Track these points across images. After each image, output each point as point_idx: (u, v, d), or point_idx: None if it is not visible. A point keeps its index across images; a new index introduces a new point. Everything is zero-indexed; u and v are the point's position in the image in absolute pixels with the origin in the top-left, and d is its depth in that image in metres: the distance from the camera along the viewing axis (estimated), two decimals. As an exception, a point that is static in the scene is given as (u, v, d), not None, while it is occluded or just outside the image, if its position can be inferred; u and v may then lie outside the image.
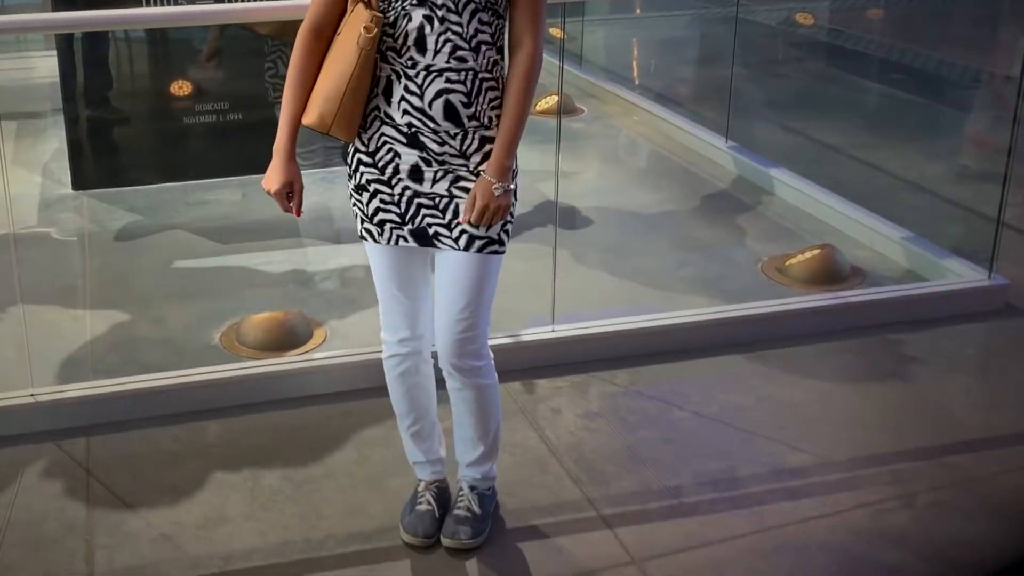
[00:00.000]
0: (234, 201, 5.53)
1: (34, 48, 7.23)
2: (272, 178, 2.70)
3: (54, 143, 6.05)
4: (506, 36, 2.68)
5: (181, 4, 5.47)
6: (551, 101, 6.51)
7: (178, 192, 5.60)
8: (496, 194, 2.61)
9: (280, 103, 2.71)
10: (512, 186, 2.66)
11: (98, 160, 5.67)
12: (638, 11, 9.24)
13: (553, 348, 4.00)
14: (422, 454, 3.07)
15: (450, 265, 2.75)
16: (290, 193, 2.72)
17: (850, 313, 4.30)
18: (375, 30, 2.55)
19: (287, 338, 4.07)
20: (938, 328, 4.27)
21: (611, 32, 9.15)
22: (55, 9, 5.43)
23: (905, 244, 4.79)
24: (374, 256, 2.83)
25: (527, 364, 3.92)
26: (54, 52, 5.71)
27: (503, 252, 2.76)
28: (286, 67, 2.70)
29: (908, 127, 6.75)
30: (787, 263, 4.66)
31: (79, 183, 5.57)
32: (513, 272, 4.47)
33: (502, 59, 2.67)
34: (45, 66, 6.42)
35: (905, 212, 5.18)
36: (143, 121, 5.74)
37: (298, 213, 2.77)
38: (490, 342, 2.90)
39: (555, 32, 6.40)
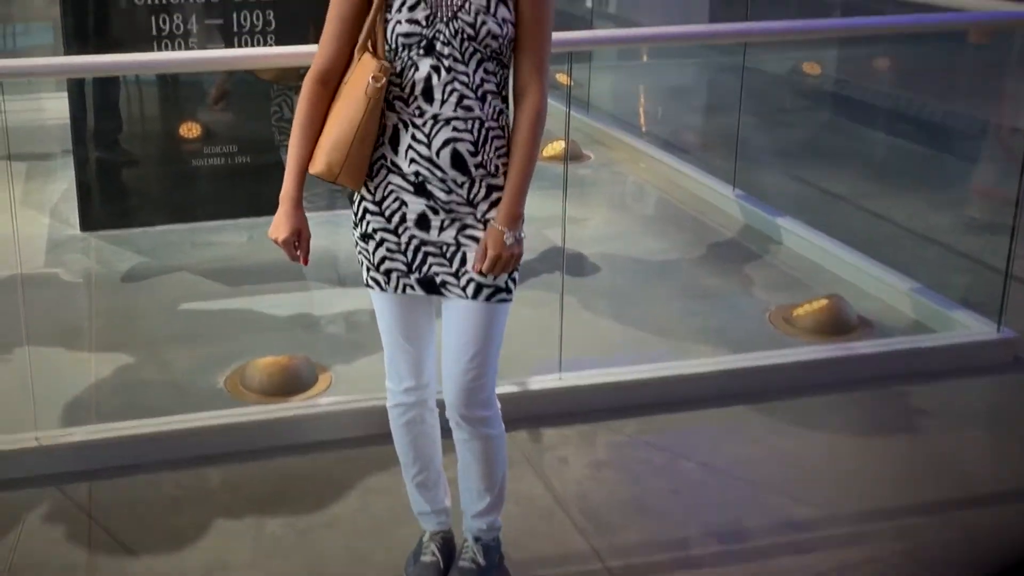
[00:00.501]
0: (240, 243, 5.53)
1: (45, 90, 7.26)
2: (280, 226, 2.69)
3: (63, 184, 6.06)
4: (511, 85, 2.69)
5: (192, 48, 5.50)
6: (558, 147, 6.51)
7: (185, 234, 5.61)
8: (508, 243, 2.61)
9: (286, 147, 2.72)
10: (523, 234, 2.66)
11: (106, 201, 5.69)
12: (645, 58, 9.28)
13: (560, 396, 3.98)
14: (427, 504, 3.05)
15: (458, 314, 2.74)
16: (297, 241, 2.71)
17: (858, 365, 4.28)
18: (383, 79, 2.56)
19: (292, 383, 4.06)
20: (947, 381, 4.25)
21: (618, 78, 9.19)
22: (67, 52, 5.47)
23: (913, 295, 4.78)
24: (380, 305, 2.82)
25: (534, 412, 3.89)
26: (65, 94, 5.75)
27: (511, 300, 2.75)
28: (292, 111, 2.71)
29: (915, 177, 6.76)
30: (795, 313, 4.65)
31: (87, 224, 5.59)
32: (520, 318, 4.43)
33: (507, 108, 2.68)
34: (55, 108, 6.44)
35: (913, 263, 5.18)
36: (152, 163, 5.76)
37: (305, 262, 2.75)
38: (496, 390, 2.89)
39: (562, 78, 6.42)
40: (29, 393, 3.72)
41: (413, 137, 2.60)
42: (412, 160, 2.61)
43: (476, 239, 2.65)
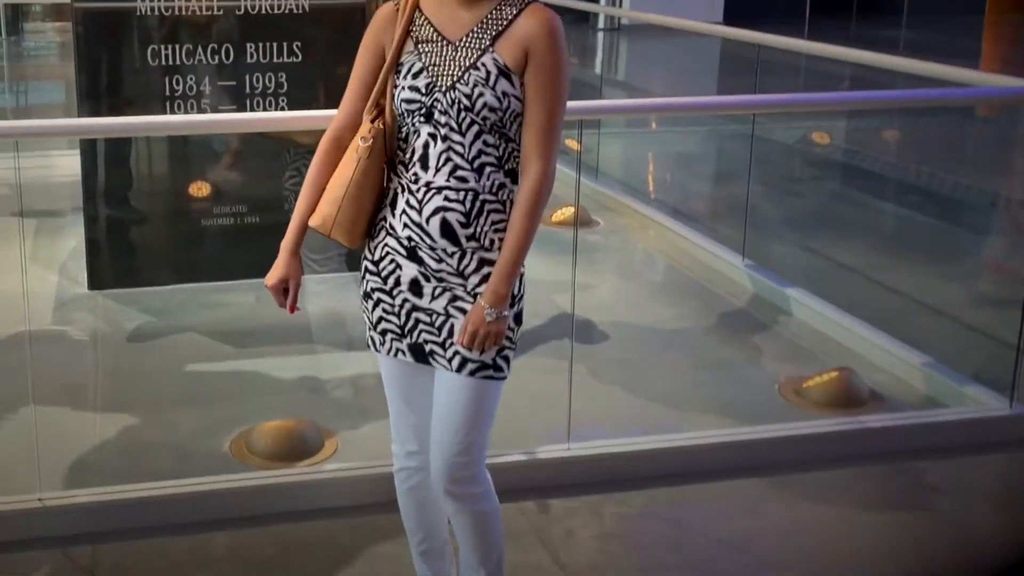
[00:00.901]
0: (248, 304, 5.52)
1: (57, 147, 7.30)
2: (272, 273, 2.72)
3: (72, 242, 6.07)
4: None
5: (205, 108, 5.54)
6: (567, 212, 6.53)
7: (192, 294, 5.60)
8: (487, 320, 2.57)
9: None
10: (507, 312, 2.61)
11: (115, 260, 5.69)
12: (654, 125, 9.32)
13: (568, 467, 3.94)
14: (431, 574, 3.01)
15: (445, 386, 2.71)
16: (287, 289, 2.71)
17: (869, 439, 4.24)
18: (370, 140, 2.60)
19: (298, 448, 4.02)
20: (959, 458, 4.20)
21: (627, 145, 9.24)
22: (80, 110, 5.50)
23: (924, 369, 4.75)
24: (382, 366, 2.82)
25: (541, 483, 3.85)
26: (76, 151, 5.79)
27: (501, 378, 2.70)
28: None
29: (925, 249, 6.76)
30: (805, 385, 4.62)
31: (95, 283, 5.58)
32: (528, 386, 4.45)
33: (512, 182, 2.64)
34: (66, 165, 6.48)
35: (924, 336, 5.15)
36: (161, 222, 5.77)
37: (292, 310, 2.74)
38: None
39: (572, 144, 6.45)
40: (33, 453, 3.69)
41: (407, 202, 2.61)
42: (405, 225, 2.62)
43: (464, 311, 2.63)
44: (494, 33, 2.57)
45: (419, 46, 2.62)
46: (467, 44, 2.58)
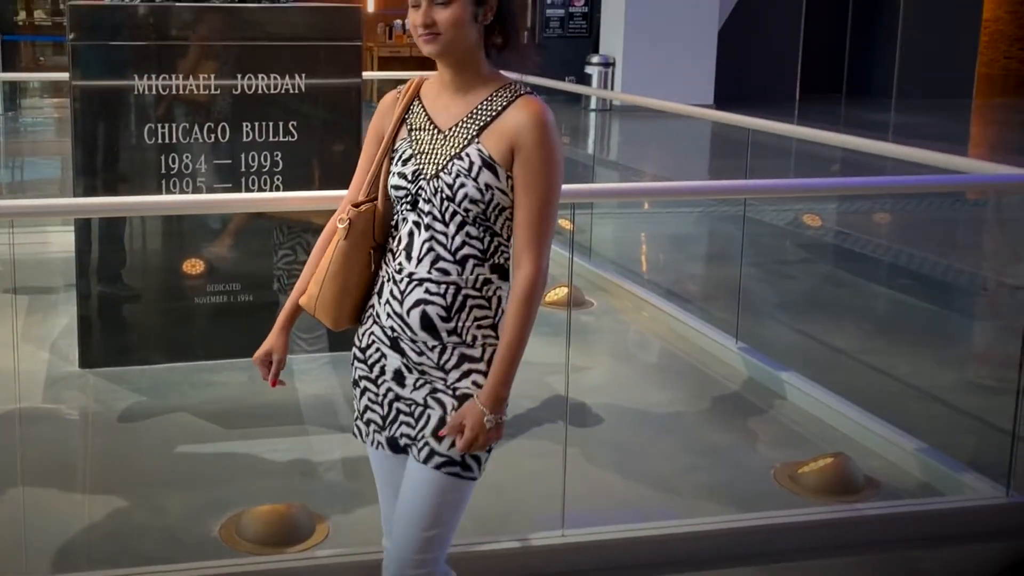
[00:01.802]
0: (240, 384, 5.49)
1: (50, 222, 7.30)
2: (260, 347, 2.73)
3: (64, 319, 6.05)
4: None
5: (200, 187, 5.55)
6: (560, 292, 6.53)
7: (184, 373, 5.57)
8: (487, 426, 2.50)
9: (289, 290, 2.76)
10: (505, 416, 2.56)
11: (107, 338, 5.66)
12: (646, 206, 9.38)
13: (563, 554, 3.89)
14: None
15: (411, 477, 2.63)
16: (271, 363, 2.71)
17: (865, 527, 4.20)
18: (347, 222, 2.60)
19: (288, 533, 3.97)
20: (956, 546, 4.17)
21: (620, 225, 9.27)
22: (76, 186, 5.51)
23: (919, 456, 4.72)
24: (369, 454, 2.79)
25: (536, 571, 3.80)
26: (70, 228, 5.79)
27: (470, 478, 2.62)
28: (305, 254, 2.74)
29: (917, 333, 6.77)
30: (800, 471, 4.59)
31: (86, 361, 5.55)
32: (522, 470, 4.42)
33: (499, 278, 2.58)
34: (60, 241, 6.48)
35: (918, 421, 5.13)
36: (154, 299, 5.75)
37: (273, 383, 2.74)
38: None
39: (565, 224, 6.47)
40: (21, 535, 3.64)
41: (391, 292, 2.59)
42: (388, 315, 2.60)
43: (442, 403, 2.58)
44: (482, 124, 2.54)
45: (412, 133, 2.62)
46: (455, 133, 2.56)
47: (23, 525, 3.66)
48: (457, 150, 2.54)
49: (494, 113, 2.55)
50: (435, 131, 2.59)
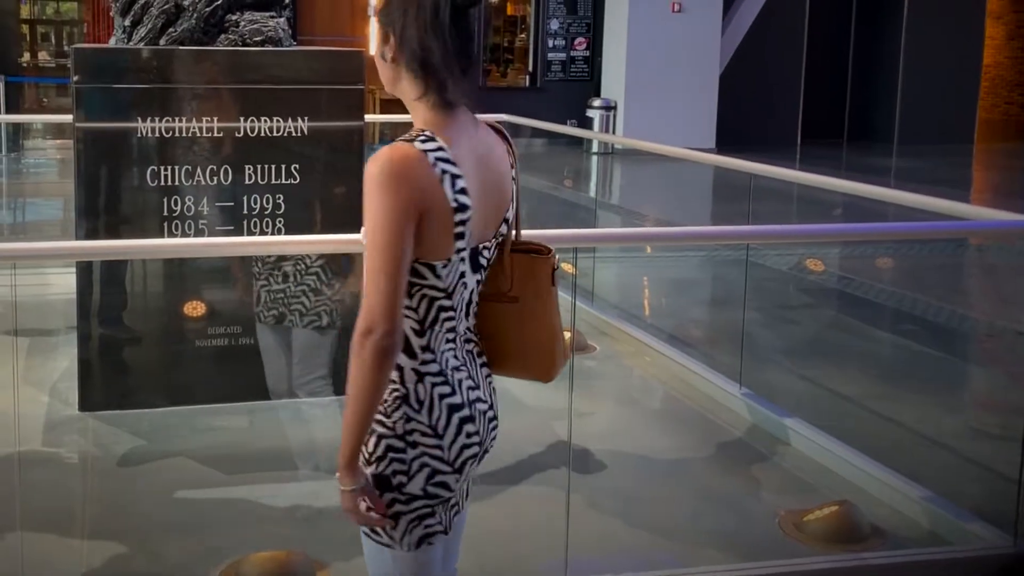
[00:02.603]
0: (240, 428, 5.46)
1: (52, 264, 7.28)
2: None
3: (64, 362, 6.02)
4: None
5: (202, 229, 5.54)
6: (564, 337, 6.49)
7: (184, 416, 5.53)
8: (345, 498, 2.48)
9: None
10: (355, 485, 2.45)
11: (107, 381, 5.62)
12: (649, 249, 9.36)
13: (566, 603, 3.85)
14: None
15: None
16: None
17: (871, 576, 4.16)
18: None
19: (289, 580, 3.93)
20: (964, 597, 4.13)
21: (622, 269, 9.25)
22: (79, 228, 5.50)
23: (925, 504, 4.67)
24: None
25: (539, 620, 3.77)
26: (71, 269, 5.76)
27: (380, 543, 2.57)
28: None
29: (922, 379, 6.72)
30: (805, 519, 4.54)
31: (86, 404, 5.51)
32: (525, 517, 4.38)
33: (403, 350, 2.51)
34: (62, 283, 6.45)
35: (924, 469, 5.08)
36: (154, 342, 5.72)
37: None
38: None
39: (567, 268, 6.45)
40: (18, 583, 3.60)
41: None
42: None
43: None
44: None
45: None
46: None
47: (21, 570, 3.62)
48: None
49: None
50: None
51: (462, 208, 2.40)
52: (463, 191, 2.40)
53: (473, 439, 2.54)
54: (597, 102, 17.98)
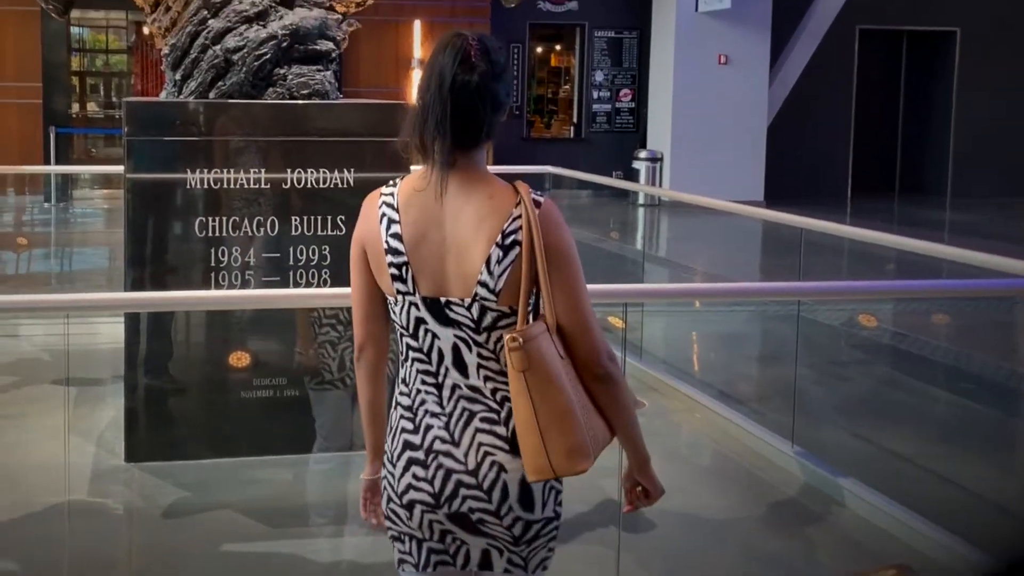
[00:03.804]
0: (285, 481, 5.42)
1: (100, 313, 7.30)
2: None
3: (111, 412, 6.02)
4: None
5: (248, 280, 5.53)
6: (613, 393, 6.41)
7: (229, 469, 5.50)
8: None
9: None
10: (369, 476, 2.87)
11: (153, 432, 5.61)
12: (697, 304, 9.27)
13: (617, 669, 3.75)
14: None
15: None
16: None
17: (933, 645, 4.03)
18: None
19: (334, 639, 3.86)
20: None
21: (670, 323, 9.15)
22: (127, 277, 5.51)
23: (987, 569, 4.54)
24: None
25: None
26: (119, 318, 5.79)
27: None
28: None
29: (981, 439, 6.56)
30: (862, 584, 4.43)
31: (132, 455, 5.50)
32: (574, 577, 4.29)
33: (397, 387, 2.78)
34: (109, 332, 6.47)
35: (985, 533, 4.95)
36: (200, 393, 5.71)
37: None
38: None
39: (616, 322, 6.38)
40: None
41: None
42: None
43: None
44: None
45: None
46: None
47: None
48: None
49: None
50: None
51: (393, 252, 2.65)
52: (396, 236, 2.65)
53: (421, 485, 2.65)
54: (643, 153, 17.96)
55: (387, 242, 2.64)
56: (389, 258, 2.63)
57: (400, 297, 2.65)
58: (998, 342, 8.23)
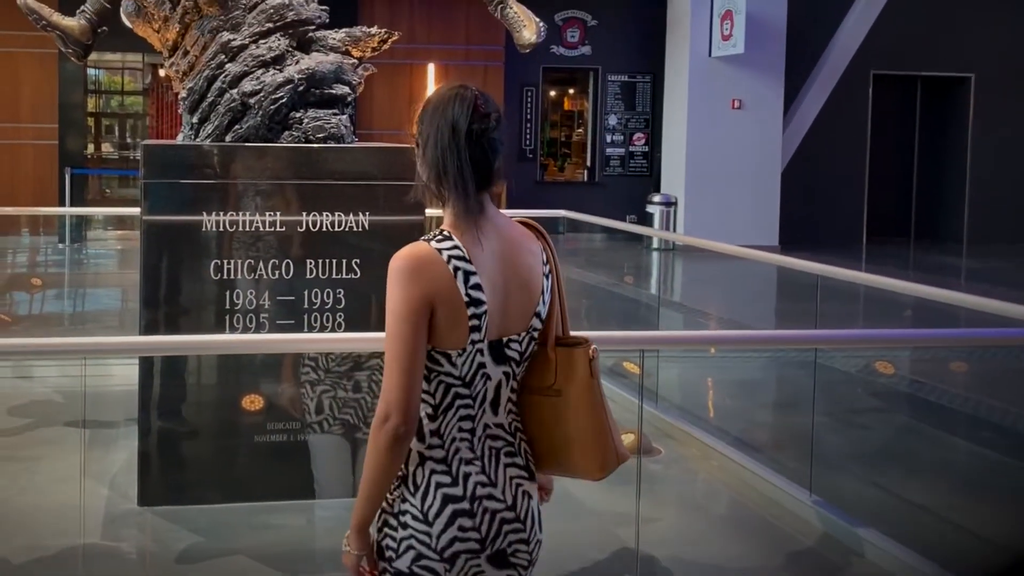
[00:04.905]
0: (298, 526, 5.37)
1: (114, 355, 7.28)
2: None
3: (123, 454, 5.99)
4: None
5: (263, 323, 5.52)
6: (628, 439, 6.35)
7: (242, 513, 5.46)
8: (345, 557, 2.74)
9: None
10: (364, 551, 2.70)
11: (166, 475, 5.59)
12: (713, 350, 9.21)
13: None
14: None
15: None
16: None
17: None
18: None
19: None
20: None
21: (686, 369, 9.09)
22: (142, 318, 5.51)
23: (1010, 623, 4.47)
24: None
25: None
26: (133, 361, 5.76)
27: None
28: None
29: (1003, 490, 6.47)
30: (883, 637, 4.35)
31: (145, 498, 5.47)
32: (590, 629, 4.23)
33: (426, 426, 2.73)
34: (122, 374, 6.44)
35: (1007, 586, 4.88)
36: (213, 436, 5.69)
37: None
38: None
39: (632, 368, 6.34)
40: None
41: None
42: None
43: None
44: None
45: None
46: None
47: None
48: None
49: None
50: None
51: (475, 303, 2.63)
52: (477, 287, 2.64)
53: (470, 534, 2.66)
54: (657, 197, 17.94)
55: (468, 295, 2.63)
56: (471, 310, 2.63)
57: (471, 347, 2.65)
58: (1018, 390, 8.15)
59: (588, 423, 2.74)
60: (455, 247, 2.65)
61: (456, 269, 2.63)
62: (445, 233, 2.68)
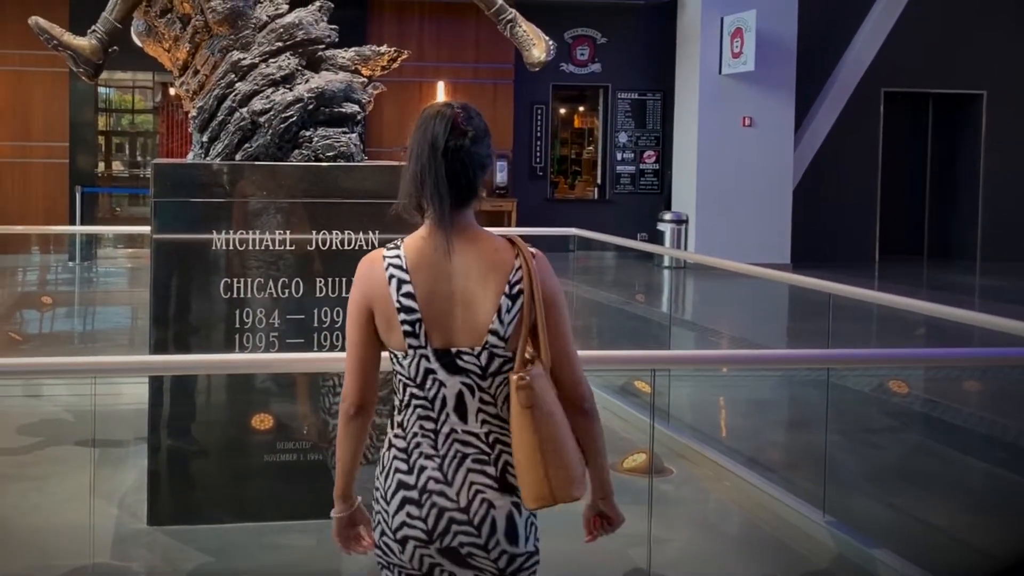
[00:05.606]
0: (308, 547, 5.33)
1: (122, 374, 7.26)
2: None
3: (133, 474, 5.97)
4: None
5: (273, 341, 5.50)
6: (640, 459, 6.32)
7: (252, 534, 5.43)
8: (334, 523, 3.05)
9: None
10: (345, 514, 3.00)
11: (176, 495, 5.56)
12: (725, 369, 9.16)
13: None
14: None
15: None
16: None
17: None
18: None
19: None
20: None
21: (697, 388, 9.04)
22: (152, 336, 5.49)
23: (1028, 647, 4.41)
24: None
25: None
26: (143, 379, 5.74)
27: None
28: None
29: (1018, 511, 6.41)
30: (899, 660, 4.30)
31: (155, 518, 5.46)
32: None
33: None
34: (131, 393, 6.43)
35: (1023, 607, 4.81)
36: (222, 456, 5.67)
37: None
38: None
39: (644, 387, 6.30)
40: None
41: None
42: None
43: None
44: None
45: None
46: None
47: None
48: None
49: None
50: None
51: (406, 310, 2.82)
52: (409, 295, 2.83)
53: (416, 523, 2.83)
54: (668, 215, 17.88)
55: (399, 301, 2.82)
56: (402, 316, 2.82)
57: (411, 351, 2.83)
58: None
59: (520, 453, 2.80)
60: (397, 256, 2.87)
61: (391, 277, 2.84)
62: (397, 243, 2.90)
